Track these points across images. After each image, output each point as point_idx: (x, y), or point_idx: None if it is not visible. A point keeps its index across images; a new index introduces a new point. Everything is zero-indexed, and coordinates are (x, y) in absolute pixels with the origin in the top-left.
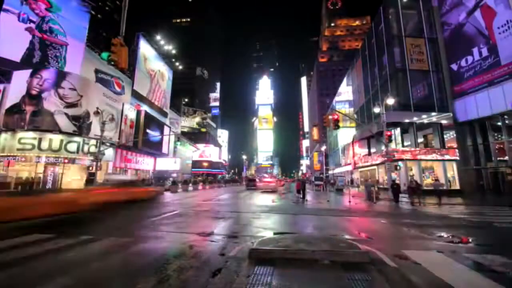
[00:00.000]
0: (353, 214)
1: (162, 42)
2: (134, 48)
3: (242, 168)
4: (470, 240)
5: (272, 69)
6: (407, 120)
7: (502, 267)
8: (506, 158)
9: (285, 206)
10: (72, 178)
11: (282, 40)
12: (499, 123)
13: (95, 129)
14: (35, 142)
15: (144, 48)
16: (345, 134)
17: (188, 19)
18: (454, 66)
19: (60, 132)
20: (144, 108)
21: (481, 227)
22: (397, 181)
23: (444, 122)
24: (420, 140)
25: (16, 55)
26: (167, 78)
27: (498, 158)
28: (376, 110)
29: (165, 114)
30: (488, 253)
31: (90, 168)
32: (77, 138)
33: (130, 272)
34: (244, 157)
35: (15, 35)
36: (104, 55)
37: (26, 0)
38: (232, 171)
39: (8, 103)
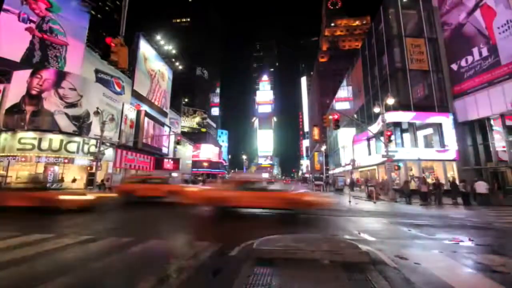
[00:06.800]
0: (353, 214)
1: (162, 42)
2: (134, 48)
3: (242, 168)
4: (471, 240)
5: (272, 69)
6: (407, 120)
7: (502, 267)
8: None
9: None
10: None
11: (282, 40)
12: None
13: (95, 129)
14: (35, 142)
15: (144, 48)
16: (345, 134)
17: (188, 19)
18: (454, 66)
19: (60, 132)
20: (144, 108)
21: (481, 228)
22: (397, 181)
23: (443, 122)
24: (420, 140)
25: (16, 55)
26: (167, 78)
27: (498, 159)
28: (376, 110)
29: (165, 114)
30: (488, 253)
31: (89, 168)
32: (77, 138)
33: (130, 272)
34: (244, 157)
35: (15, 35)
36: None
37: (26, 0)
38: (232, 171)
39: (8, 103)
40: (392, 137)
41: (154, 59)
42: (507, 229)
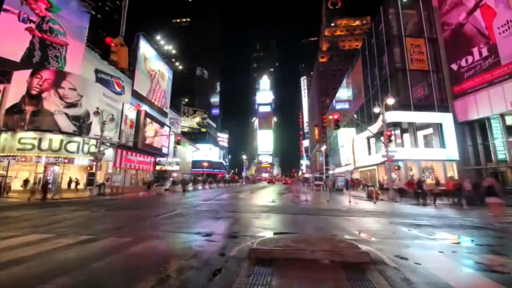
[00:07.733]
0: (353, 214)
1: (162, 42)
2: (134, 48)
3: (242, 168)
4: (470, 240)
5: (272, 69)
6: (407, 120)
7: (502, 267)
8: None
9: (285, 206)
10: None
11: (282, 40)
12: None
13: (95, 129)
14: (35, 142)
15: (144, 48)
16: (345, 134)
17: (188, 19)
18: (454, 66)
19: (60, 132)
20: (144, 108)
21: (481, 228)
22: (397, 181)
23: (444, 122)
24: (420, 140)
25: (16, 55)
26: (167, 78)
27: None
28: (376, 110)
29: (165, 114)
30: (488, 253)
31: (89, 168)
32: (77, 138)
33: (130, 272)
34: (244, 157)
35: (15, 35)
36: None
37: (26, 0)
38: (232, 171)
39: (8, 103)
40: (392, 137)
41: (154, 59)
42: (507, 229)
